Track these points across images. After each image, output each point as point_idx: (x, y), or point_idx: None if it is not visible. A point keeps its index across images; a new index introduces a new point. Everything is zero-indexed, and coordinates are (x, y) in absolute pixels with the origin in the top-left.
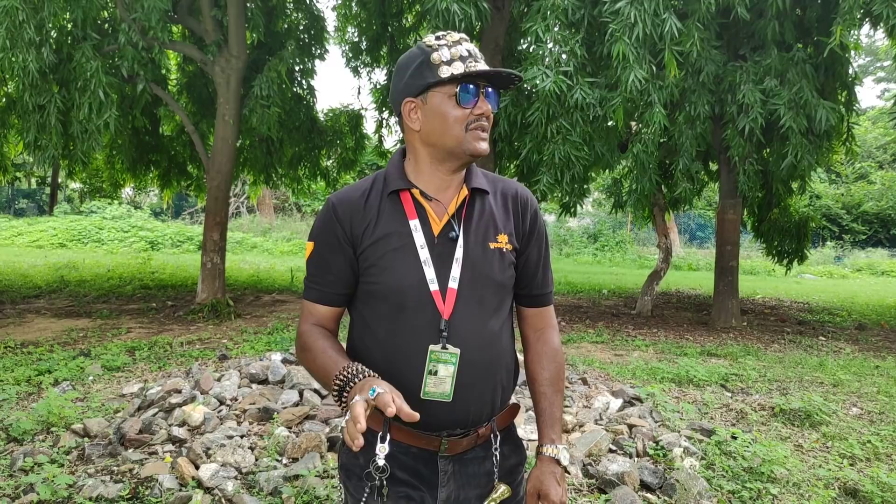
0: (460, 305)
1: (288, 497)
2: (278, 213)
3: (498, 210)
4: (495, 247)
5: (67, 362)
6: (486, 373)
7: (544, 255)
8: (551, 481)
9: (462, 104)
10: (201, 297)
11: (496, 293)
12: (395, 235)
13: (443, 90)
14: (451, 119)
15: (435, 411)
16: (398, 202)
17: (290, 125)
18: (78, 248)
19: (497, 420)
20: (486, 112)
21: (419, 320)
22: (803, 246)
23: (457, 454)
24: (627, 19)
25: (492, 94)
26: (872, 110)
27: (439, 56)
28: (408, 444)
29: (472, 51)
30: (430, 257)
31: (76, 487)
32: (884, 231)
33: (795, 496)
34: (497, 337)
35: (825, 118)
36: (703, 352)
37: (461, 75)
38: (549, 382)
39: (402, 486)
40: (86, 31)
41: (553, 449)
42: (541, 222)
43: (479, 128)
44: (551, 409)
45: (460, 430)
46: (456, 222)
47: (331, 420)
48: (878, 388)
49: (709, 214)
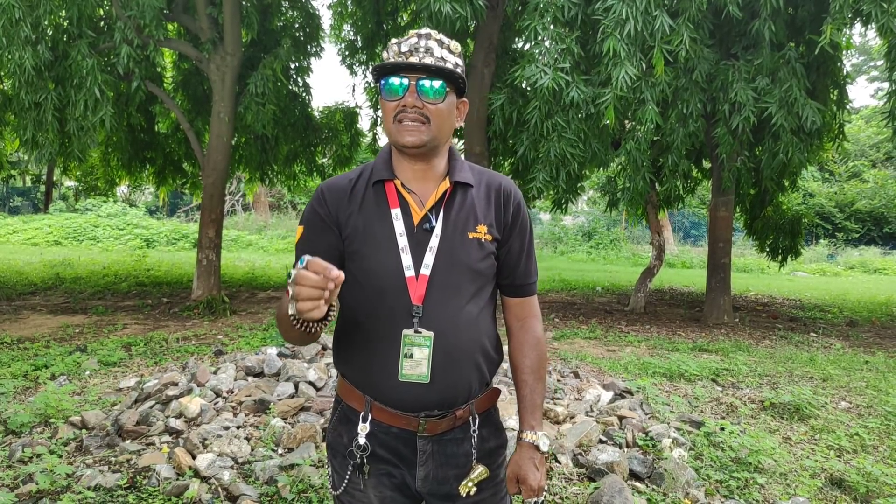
0: (434, 291)
1: (283, 486)
2: (273, 210)
3: (480, 202)
4: (474, 236)
5: (64, 357)
6: (462, 356)
7: (527, 247)
8: (530, 466)
9: (384, 97)
10: (197, 293)
11: (473, 280)
12: (377, 223)
13: (380, 85)
14: (383, 112)
15: (413, 393)
16: (382, 192)
17: (285, 122)
18: (73, 246)
19: (476, 403)
20: (408, 104)
21: (395, 305)
22: (796, 243)
23: (435, 435)
24: (619, 16)
25: (430, 87)
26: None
27: (386, 54)
28: (388, 424)
29: (417, 45)
30: (408, 245)
31: (75, 477)
32: (876, 229)
33: (782, 485)
34: (474, 322)
35: (811, 117)
36: (695, 347)
37: (377, 67)
38: (530, 370)
39: (383, 464)
40: (81, 29)
41: (532, 435)
42: (524, 215)
43: (403, 119)
44: (532, 396)
45: (438, 411)
46: (434, 213)
47: (325, 411)
48: (867, 383)
49: (702, 212)
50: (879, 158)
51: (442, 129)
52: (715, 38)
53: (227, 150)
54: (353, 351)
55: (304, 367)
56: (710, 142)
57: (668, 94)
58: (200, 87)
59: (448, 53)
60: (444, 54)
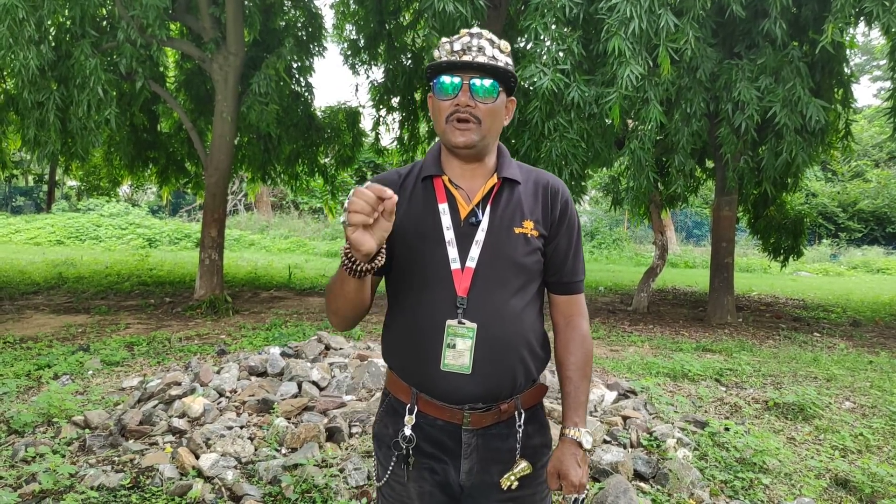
0: (479, 284)
1: (287, 486)
2: (276, 210)
3: (527, 198)
4: (520, 232)
5: (67, 357)
6: (504, 349)
7: (574, 245)
8: (572, 462)
9: (437, 96)
10: (199, 293)
11: (518, 275)
12: (424, 217)
13: (433, 84)
14: (435, 111)
15: (456, 384)
16: (430, 187)
17: (287, 122)
18: (76, 246)
19: (522, 398)
20: (461, 103)
21: (440, 296)
22: (799, 243)
23: (480, 428)
24: (623, 15)
25: (480, 86)
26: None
27: (437, 52)
28: (434, 417)
29: (469, 44)
30: (454, 238)
31: (78, 477)
32: (879, 229)
33: (787, 486)
34: (518, 316)
35: (815, 116)
36: (699, 347)
37: (431, 66)
38: (575, 367)
39: (427, 459)
40: (84, 29)
41: (576, 431)
42: (571, 213)
43: (455, 119)
44: (576, 393)
45: (482, 404)
46: (481, 208)
47: (329, 411)
48: (872, 383)
49: (705, 212)
50: (882, 158)
51: (492, 129)
52: (718, 37)
53: (230, 150)
54: (400, 342)
55: (308, 366)
56: (714, 141)
57: (672, 93)
58: (203, 87)
59: (499, 52)
60: (496, 53)
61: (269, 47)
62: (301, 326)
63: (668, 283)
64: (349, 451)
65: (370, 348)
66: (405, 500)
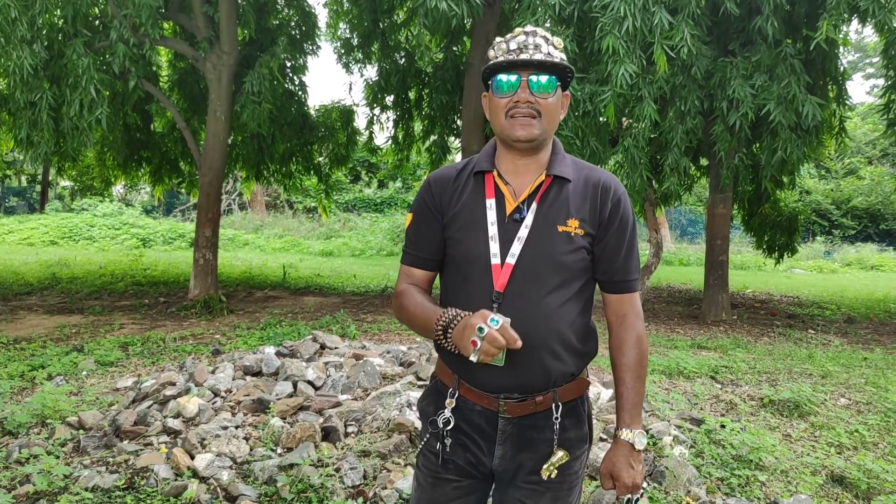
0: (516, 280)
1: (283, 486)
2: (270, 210)
3: (576, 196)
4: (563, 230)
5: (60, 357)
6: (537, 344)
7: (626, 244)
8: (624, 464)
9: (495, 94)
10: (194, 293)
11: (558, 272)
12: (472, 211)
13: (490, 83)
14: (493, 108)
15: (490, 375)
16: (481, 182)
17: (281, 121)
18: (69, 246)
19: (560, 392)
20: (521, 99)
21: (478, 290)
22: (794, 240)
23: (517, 417)
24: (617, 13)
25: (538, 82)
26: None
27: (493, 52)
28: (473, 402)
29: (525, 42)
30: (497, 233)
31: (72, 478)
32: (873, 226)
33: (783, 483)
34: (554, 313)
35: (812, 113)
36: (694, 345)
37: (488, 66)
38: (628, 368)
39: (463, 437)
40: (77, 28)
41: (629, 433)
42: (624, 212)
43: (516, 114)
44: (629, 394)
45: (517, 394)
46: (526, 205)
47: (324, 410)
48: (867, 379)
49: (699, 210)
50: (875, 155)
51: (552, 123)
52: (712, 34)
53: (224, 149)
54: None
55: (303, 366)
56: (708, 139)
57: (666, 91)
58: (196, 86)
59: (553, 49)
60: (551, 50)
61: (262, 46)
62: (296, 326)
63: (662, 281)
64: (345, 451)
65: (365, 347)
66: (439, 470)
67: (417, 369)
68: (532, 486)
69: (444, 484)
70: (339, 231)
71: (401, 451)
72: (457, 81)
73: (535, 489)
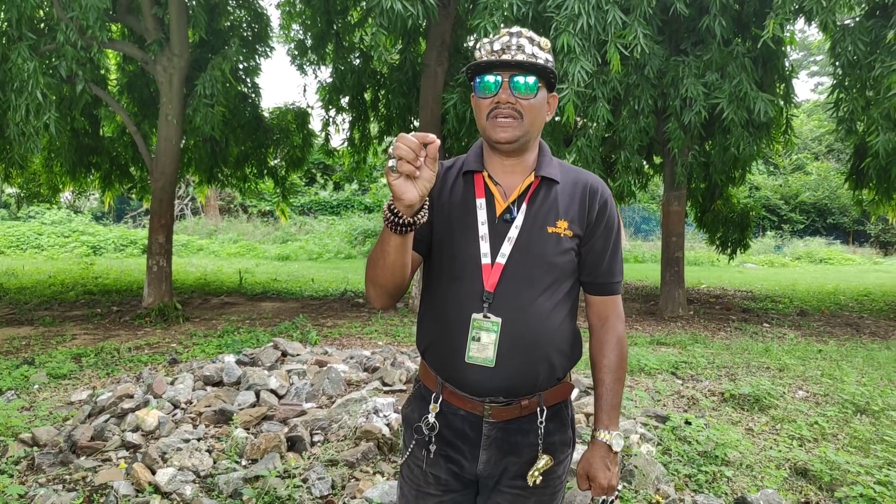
0: (507, 280)
1: (249, 499)
2: (224, 214)
3: (564, 198)
4: (553, 231)
5: (10, 371)
6: (528, 345)
7: (611, 246)
8: (601, 465)
9: (478, 94)
10: (148, 301)
11: (548, 273)
12: (461, 211)
13: (474, 83)
14: (477, 109)
15: (478, 376)
16: (471, 182)
17: (234, 124)
18: (16, 255)
19: (545, 395)
20: (502, 100)
21: (468, 289)
22: (746, 235)
23: (501, 421)
24: (571, 12)
25: (521, 83)
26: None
27: (478, 53)
28: (457, 407)
29: (509, 43)
30: (487, 233)
31: (28, 498)
32: (821, 220)
33: (749, 477)
34: (546, 314)
35: (763, 110)
36: (653, 341)
37: (471, 66)
38: (608, 370)
39: (446, 447)
40: (21, 31)
41: (606, 434)
42: (610, 214)
43: (497, 115)
44: (609, 396)
45: (503, 398)
46: (517, 205)
47: (289, 419)
48: (822, 371)
49: (653, 207)
50: (822, 151)
51: (534, 124)
52: (664, 34)
53: (176, 154)
54: (430, 332)
55: (265, 374)
56: (661, 137)
57: (620, 91)
58: (147, 90)
59: (538, 50)
60: (535, 51)
61: (214, 48)
62: (254, 332)
63: None
64: (312, 461)
65: (328, 353)
66: (421, 483)
67: (382, 374)
68: (516, 492)
69: (428, 498)
70: (295, 235)
71: (369, 458)
72: (413, 83)
73: (520, 494)
